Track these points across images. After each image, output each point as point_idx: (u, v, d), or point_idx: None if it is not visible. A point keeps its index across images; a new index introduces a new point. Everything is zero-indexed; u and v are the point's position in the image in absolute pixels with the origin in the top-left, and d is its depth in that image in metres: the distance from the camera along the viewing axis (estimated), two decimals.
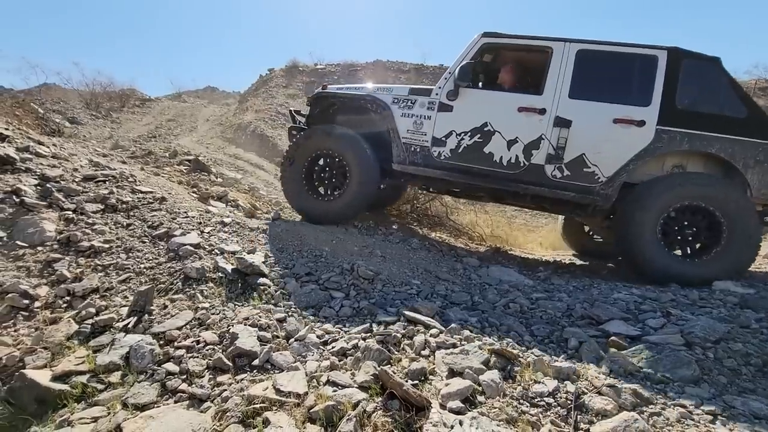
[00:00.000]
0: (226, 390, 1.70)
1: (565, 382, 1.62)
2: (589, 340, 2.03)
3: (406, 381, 1.60)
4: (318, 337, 2.06)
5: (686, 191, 3.24)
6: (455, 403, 1.48)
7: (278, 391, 1.63)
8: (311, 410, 1.51)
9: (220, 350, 1.96)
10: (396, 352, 1.89)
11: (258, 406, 1.56)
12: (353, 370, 1.76)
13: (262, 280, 2.59)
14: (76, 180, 3.66)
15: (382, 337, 1.98)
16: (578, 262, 4.89)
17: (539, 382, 1.61)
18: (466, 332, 2.04)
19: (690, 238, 3.35)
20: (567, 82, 3.46)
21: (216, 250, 2.89)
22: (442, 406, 1.49)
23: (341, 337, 2.04)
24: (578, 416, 1.44)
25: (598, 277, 3.81)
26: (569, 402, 1.50)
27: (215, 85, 22.24)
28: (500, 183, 3.66)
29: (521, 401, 1.53)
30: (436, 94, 3.76)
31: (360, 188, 3.89)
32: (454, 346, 1.90)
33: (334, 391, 1.60)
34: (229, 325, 2.12)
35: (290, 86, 14.16)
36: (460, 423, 1.36)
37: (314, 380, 1.71)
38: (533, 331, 2.27)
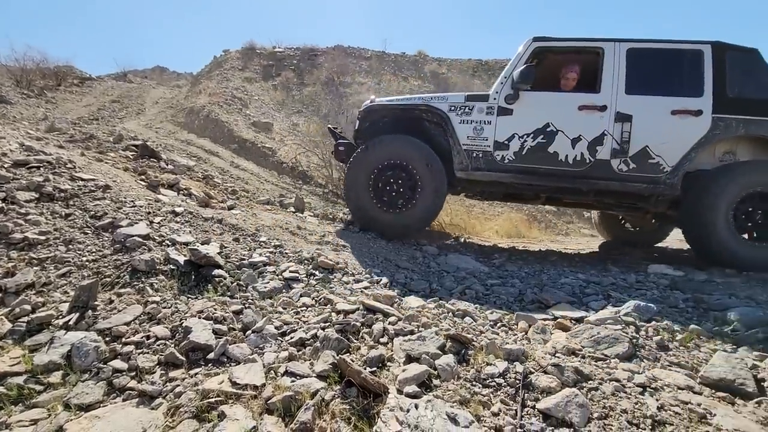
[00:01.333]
0: (179, 385, 1.65)
1: (515, 363, 1.72)
2: (537, 323, 2.16)
3: (365, 368, 1.62)
4: (276, 328, 2.04)
5: (756, 179, 3.42)
6: (411, 388, 1.53)
7: (234, 384, 1.61)
8: (269, 401, 1.50)
9: (173, 345, 1.89)
10: (355, 341, 1.92)
11: (213, 399, 1.53)
12: (312, 360, 1.77)
13: (217, 271, 2.51)
14: (5, 166, 3.35)
15: (342, 326, 1.99)
16: (531, 248, 5.14)
17: (491, 364, 1.70)
18: (424, 319, 2.10)
19: (761, 223, 3.49)
20: (622, 79, 3.62)
21: (167, 241, 2.77)
22: (399, 391, 1.53)
23: (300, 328, 2.03)
24: (525, 394, 1.54)
25: (548, 263, 4.03)
26: (518, 381, 1.59)
27: (165, 65, 20.97)
28: (567, 181, 3.76)
29: (474, 383, 1.61)
30: (494, 99, 3.81)
31: (433, 199, 3.89)
32: (411, 332, 1.95)
33: (293, 381, 1.60)
34: (181, 319, 2.05)
35: (247, 69, 13.60)
36: (416, 406, 1.41)
37: (272, 371, 1.70)
38: (487, 316, 2.37)
